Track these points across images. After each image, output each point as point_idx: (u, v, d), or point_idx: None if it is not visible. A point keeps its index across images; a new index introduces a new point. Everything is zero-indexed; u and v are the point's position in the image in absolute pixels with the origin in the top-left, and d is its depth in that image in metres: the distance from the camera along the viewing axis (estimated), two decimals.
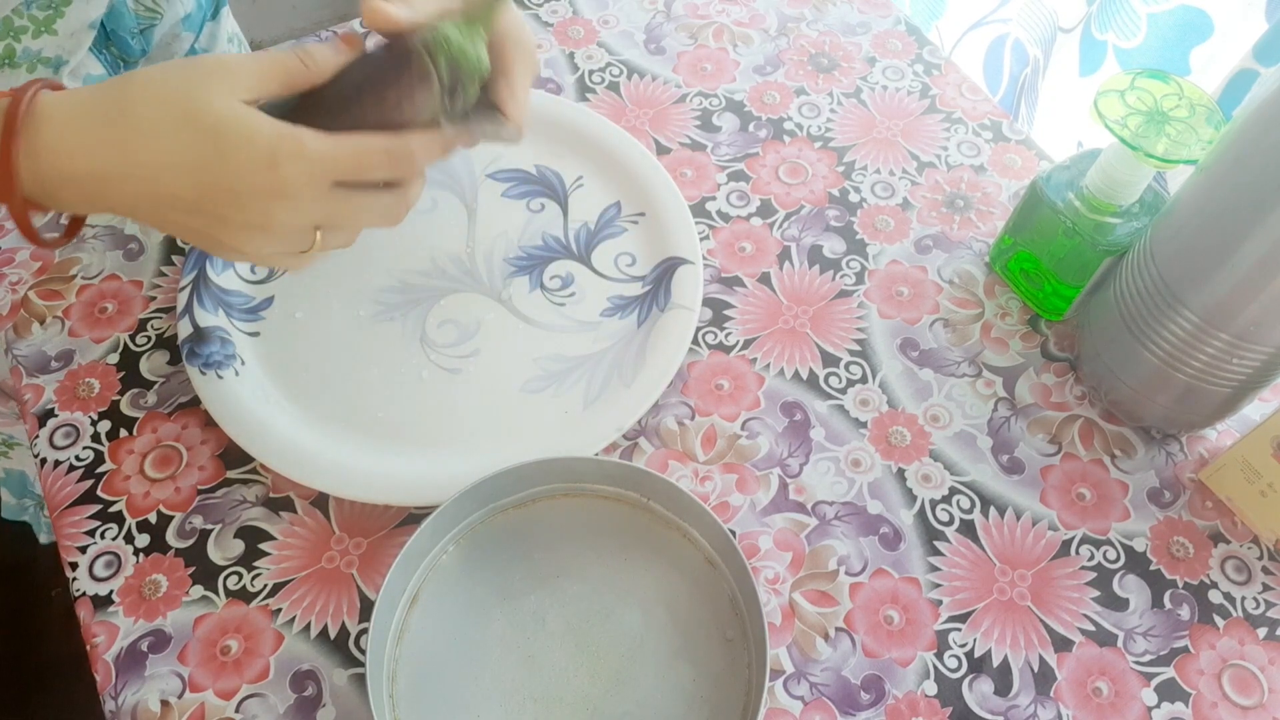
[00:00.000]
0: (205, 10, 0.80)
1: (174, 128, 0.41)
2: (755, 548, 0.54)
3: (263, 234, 0.43)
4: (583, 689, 0.49)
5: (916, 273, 0.66)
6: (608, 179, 0.68)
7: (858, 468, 0.57)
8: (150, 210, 0.43)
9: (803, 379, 0.61)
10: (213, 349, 0.58)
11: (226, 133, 0.41)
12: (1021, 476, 0.58)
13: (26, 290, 0.63)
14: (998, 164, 0.72)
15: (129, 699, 0.49)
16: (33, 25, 0.66)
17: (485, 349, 0.61)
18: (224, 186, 0.41)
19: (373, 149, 0.43)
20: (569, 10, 0.80)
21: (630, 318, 0.62)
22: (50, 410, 0.58)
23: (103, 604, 0.52)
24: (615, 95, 0.74)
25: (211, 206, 0.42)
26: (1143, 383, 0.56)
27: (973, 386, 0.61)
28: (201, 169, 0.41)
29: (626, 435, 0.58)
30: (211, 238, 0.44)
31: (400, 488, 0.54)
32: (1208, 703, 0.51)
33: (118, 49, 0.74)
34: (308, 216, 0.43)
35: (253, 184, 0.41)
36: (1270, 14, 0.75)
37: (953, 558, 0.55)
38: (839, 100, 0.75)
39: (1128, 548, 0.55)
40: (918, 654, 0.51)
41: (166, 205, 0.43)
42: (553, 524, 0.53)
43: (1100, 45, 0.89)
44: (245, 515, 0.55)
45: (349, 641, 0.51)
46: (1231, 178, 0.48)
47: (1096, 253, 0.58)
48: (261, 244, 0.44)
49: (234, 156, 0.41)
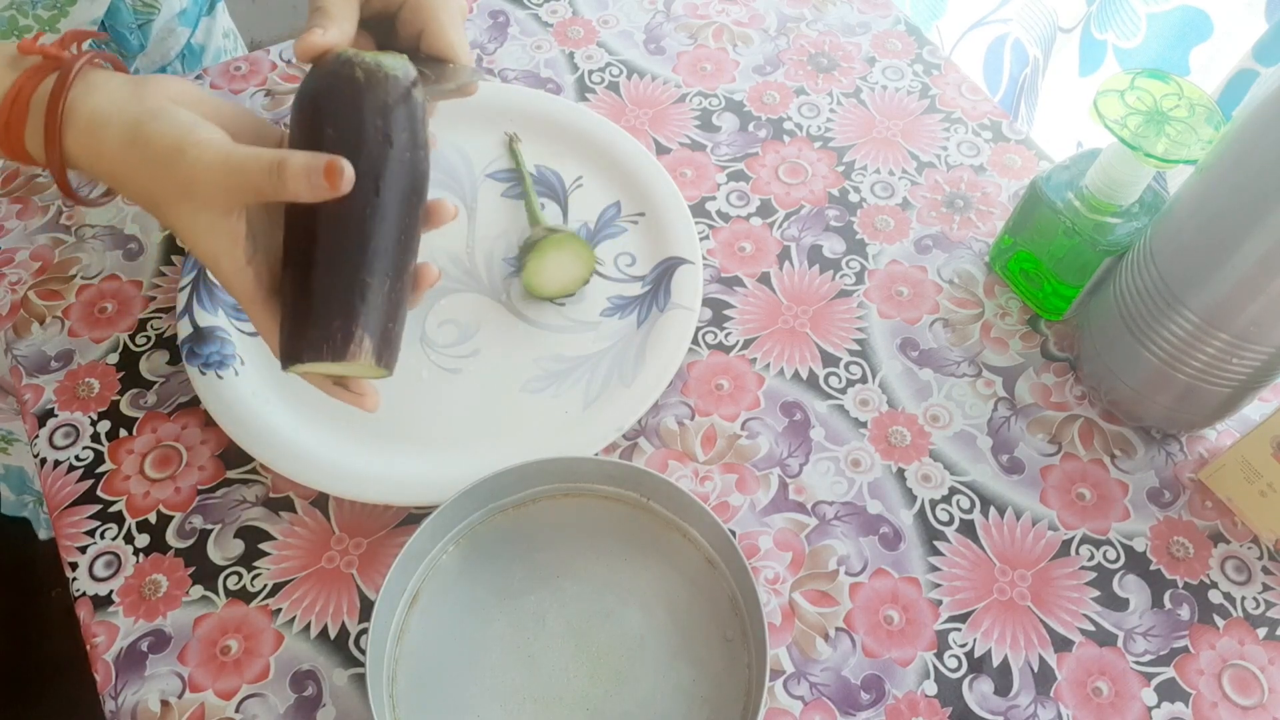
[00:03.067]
0: (201, 5, 0.80)
1: (147, 180, 0.43)
2: (755, 548, 0.54)
3: (190, 242, 0.44)
4: (583, 689, 0.49)
5: (916, 273, 0.66)
6: (608, 179, 0.68)
7: (858, 468, 0.57)
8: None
9: (802, 379, 0.61)
10: (212, 349, 0.58)
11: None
12: (1021, 476, 0.58)
13: (26, 290, 0.63)
14: (998, 164, 0.72)
15: (129, 699, 0.49)
16: (38, 24, 0.66)
17: (485, 349, 0.61)
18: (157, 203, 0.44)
19: (260, 156, 0.42)
20: (569, 10, 0.80)
21: (630, 318, 0.62)
22: (50, 410, 0.58)
23: (103, 604, 0.52)
24: (615, 95, 0.74)
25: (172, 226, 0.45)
26: (1143, 383, 0.56)
27: (973, 386, 0.61)
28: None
29: (626, 435, 0.58)
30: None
31: (400, 488, 0.54)
32: (1208, 703, 0.51)
33: (116, 44, 0.74)
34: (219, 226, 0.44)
35: (165, 188, 0.43)
36: (1270, 14, 0.75)
37: (953, 558, 0.55)
38: (839, 100, 0.75)
39: (1128, 548, 0.55)
40: (918, 654, 0.51)
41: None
42: (553, 524, 0.53)
43: (1100, 45, 0.89)
44: (245, 515, 0.55)
45: (349, 641, 0.51)
46: (1231, 178, 0.48)
47: (1096, 253, 0.58)
48: (203, 255, 0.45)
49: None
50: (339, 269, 0.43)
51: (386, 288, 0.44)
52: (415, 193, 0.45)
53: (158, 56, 0.78)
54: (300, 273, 0.43)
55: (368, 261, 0.43)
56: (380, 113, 0.43)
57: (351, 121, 0.42)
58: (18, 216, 0.66)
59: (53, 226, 0.66)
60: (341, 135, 0.42)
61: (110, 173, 0.44)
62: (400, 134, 0.43)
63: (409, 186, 0.44)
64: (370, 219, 0.43)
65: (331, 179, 0.40)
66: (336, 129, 0.42)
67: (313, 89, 0.44)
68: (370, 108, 0.42)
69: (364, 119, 0.42)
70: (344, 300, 0.43)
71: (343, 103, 0.42)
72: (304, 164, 0.40)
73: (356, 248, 0.43)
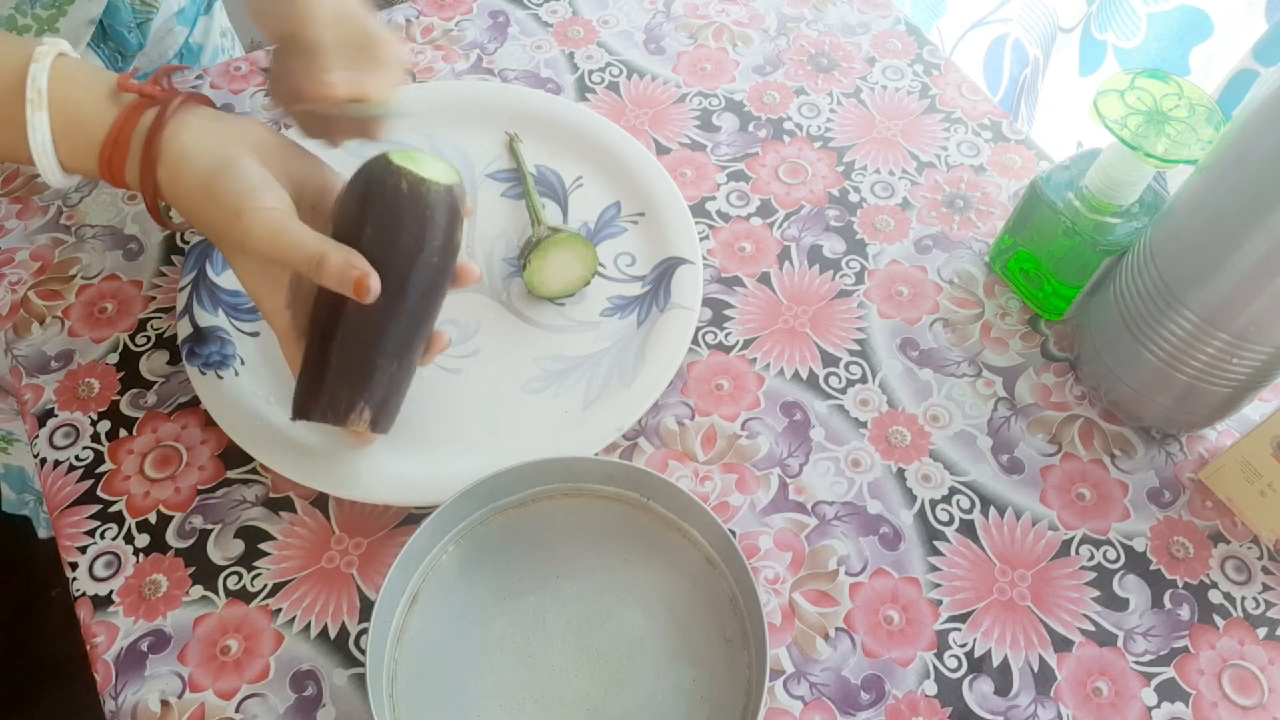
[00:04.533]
0: (199, 5, 0.80)
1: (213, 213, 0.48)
2: (755, 548, 0.54)
3: (240, 279, 0.49)
4: (583, 689, 0.49)
5: (916, 273, 0.66)
6: (608, 179, 0.68)
7: (858, 468, 0.57)
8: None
9: (802, 379, 0.61)
10: (212, 349, 0.58)
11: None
12: (1021, 476, 0.58)
13: (26, 290, 0.63)
14: (998, 164, 0.72)
15: (129, 699, 0.49)
16: (36, 24, 0.66)
17: (485, 349, 0.61)
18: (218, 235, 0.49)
19: (305, 246, 0.46)
20: (569, 10, 0.80)
21: (630, 318, 0.62)
22: (50, 410, 0.58)
23: (103, 604, 0.52)
24: (615, 95, 0.74)
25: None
26: (1143, 383, 0.56)
27: (973, 386, 0.61)
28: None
29: (626, 435, 0.58)
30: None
31: (400, 488, 0.54)
32: (1208, 703, 0.51)
33: (115, 42, 0.74)
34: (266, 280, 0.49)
35: (226, 236, 0.48)
36: (1270, 14, 0.75)
37: (953, 558, 0.55)
38: (839, 100, 0.75)
39: (1128, 548, 0.55)
40: (918, 654, 0.51)
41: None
42: (553, 524, 0.53)
43: (1100, 45, 0.89)
44: (245, 515, 0.55)
45: (349, 641, 0.51)
46: (1231, 178, 0.48)
47: (1096, 253, 0.58)
48: (250, 292, 0.50)
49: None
50: (353, 350, 0.49)
51: (394, 367, 0.50)
52: (435, 288, 0.50)
53: (156, 55, 0.78)
54: (322, 341, 0.49)
55: (380, 348, 0.49)
56: (416, 223, 0.48)
57: (388, 229, 0.48)
58: (18, 216, 0.66)
59: (53, 226, 0.66)
60: (377, 238, 0.48)
61: (184, 208, 0.49)
62: (432, 242, 0.48)
63: (431, 285, 0.50)
64: (388, 316, 0.49)
65: (359, 291, 0.46)
66: (375, 231, 0.48)
67: (359, 189, 0.49)
68: (408, 218, 0.48)
69: (399, 228, 0.48)
70: (353, 376, 0.49)
71: (383, 210, 0.48)
72: (339, 268, 0.45)
73: (371, 338, 0.49)
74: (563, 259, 0.61)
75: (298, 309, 0.50)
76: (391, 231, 0.48)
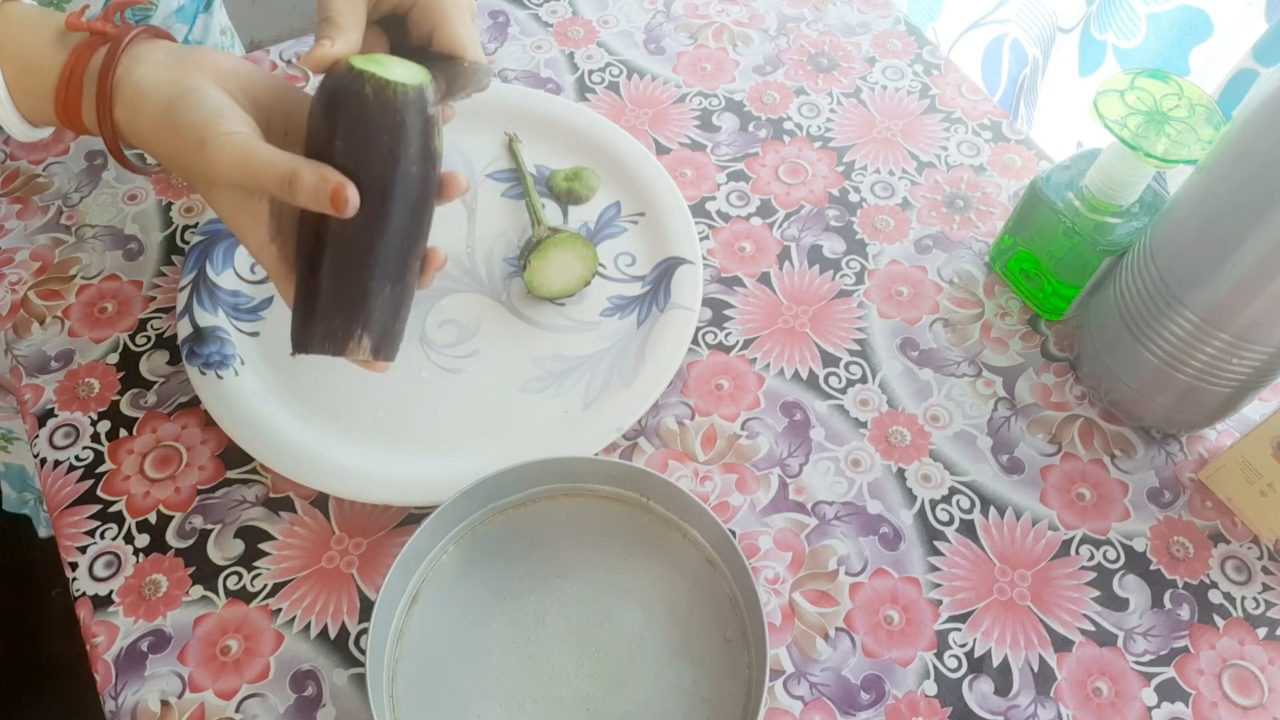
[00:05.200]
0: (198, 2, 0.80)
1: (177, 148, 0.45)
2: (755, 548, 0.54)
3: (220, 216, 0.46)
4: (583, 689, 0.49)
5: (916, 273, 0.66)
6: (608, 179, 0.68)
7: (858, 468, 0.57)
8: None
9: (802, 379, 0.61)
10: (212, 349, 0.58)
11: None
12: (1021, 476, 0.58)
13: (26, 290, 0.63)
14: (997, 164, 0.72)
15: (129, 699, 0.49)
16: None
17: (485, 349, 0.61)
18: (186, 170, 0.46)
19: (275, 165, 0.43)
20: (569, 10, 0.80)
21: (630, 318, 0.62)
22: (50, 410, 0.58)
23: (103, 604, 0.52)
24: (615, 95, 0.74)
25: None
26: (1143, 383, 0.56)
27: (973, 386, 0.61)
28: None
29: (626, 435, 0.58)
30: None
31: (400, 488, 0.54)
32: (1208, 703, 0.51)
33: None
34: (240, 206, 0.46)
35: (194, 169, 0.45)
36: (1270, 14, 0.75)
37: (953, 558, 0.55)
38: (839, 100, 0.75)
39: (1128, 548, 0.55)
40: (918, 654, 0.51)
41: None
42: (553, 524, 0.53)
43: (1100, 45, 0.89)
44: (245, 515, 0.55)
45: (349, 641, 0.51)
46: (1231, 178, 0.48)
47: (1096, 253, 0.58)
48: (231, 229, 0.47)
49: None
50: (343, 275, 0.45)
51: (387, 290, 0.46)
52: (421, 202, 0.46)
53: None
54: (310, 270, 0.46)
55: (371, 270, 0.45)
56: (388, 130, 0.43)
57: (359, 138, 0.43)
58: (18, 216, 0.66)
59: (53, 226, 0.66)
60: (350, 150, 0.43)
61: (148, 146, 0.46)
62: (408, 149, 0.44)
63: (415, 198, 0.45)
64: (374, 233, 0.45)
65: (336, 204, 0.42)
66: (345, 143, 0.43)
67: (324, 101, 0.44)
68: (378, 125, 0.44)
69: (371, 136, 0.43)
70: (347, 303, 0.45)
71: (351, 119, 0.43)
72: (313, 184, 0.42)
73: (358, 260, 0.45)
74: (563, 259, 0.61)
75: (283, 242, 0.47)
76: (363, 142, 0.44)
